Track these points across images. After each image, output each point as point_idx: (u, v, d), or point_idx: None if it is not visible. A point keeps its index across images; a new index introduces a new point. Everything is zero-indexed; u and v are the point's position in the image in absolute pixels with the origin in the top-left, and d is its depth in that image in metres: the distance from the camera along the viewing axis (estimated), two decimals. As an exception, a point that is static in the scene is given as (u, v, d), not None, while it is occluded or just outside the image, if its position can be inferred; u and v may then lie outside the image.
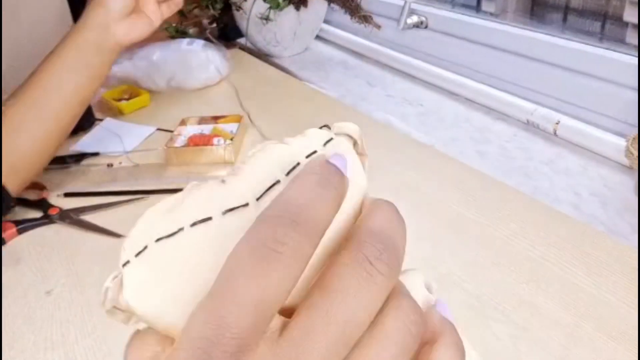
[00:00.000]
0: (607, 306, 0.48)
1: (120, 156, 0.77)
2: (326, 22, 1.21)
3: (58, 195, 0.70)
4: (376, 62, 1.08)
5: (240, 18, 1.12)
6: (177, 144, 0.77)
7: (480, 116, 0.86)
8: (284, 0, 1.05)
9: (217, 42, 1.08)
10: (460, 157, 0.73)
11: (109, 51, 0.66)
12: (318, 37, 1.22)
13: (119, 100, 0.94)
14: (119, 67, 0.99)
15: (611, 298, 0.49)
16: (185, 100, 0.97)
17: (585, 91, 0.77)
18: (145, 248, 0.17)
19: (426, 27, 1.00)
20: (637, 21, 0.76)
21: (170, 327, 0.17)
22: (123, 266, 0.17)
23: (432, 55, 1.00)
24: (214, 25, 1.19)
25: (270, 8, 1.06)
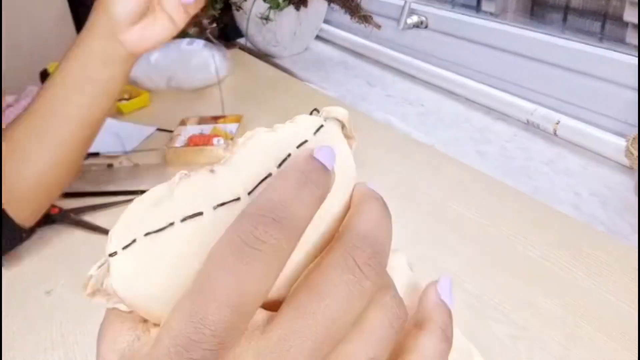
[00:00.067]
0: (607, 306, 0.48)
1: (120, 156, 0.77)
2: (326, 22, 1.21)
3: (58, 195, 0.70)
4: (376, 62, 1.08)
5: (240, 18, 1.12)
6: (177, 144, 0.77)
7: (480, 116, 0.86)
8: (284, 0, 1.05)
9: (217, 42, 1.08)
10: (460, 157, 0.73)
11: (120, 63, 0.55)
12: (318, 37, 1.22)
13: (119, 100, 0.93)
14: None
15: (611, 298, 0.49)
16: (185, 100, 0.97)
17: (585, 91, 0.77)
18: (133, 241, 0.17)
19: (426, 27, 1.00)
20: (637, 21, 0.76)
21: (154, 315, 0.17)
22: (110, 256, 0.17)
23: (432, 55, 1.00)
24: (214, 25, 1.19)
25: (270, 8, 1.06)
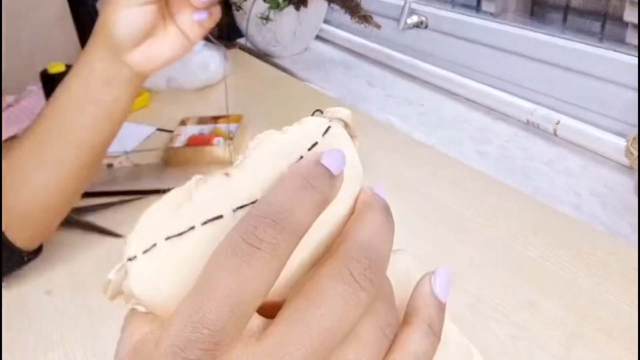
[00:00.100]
0: (607, 306, 0.48)
1: (120, 156, 0.77)
2: (326, 22, 1.21)
3: (58, 195, 0.70)
4: (376, 62, 1.08)
5: (240, 18, 1.12)
6: (177, 144, 0.77)
7: (480, 116, 0.86)
8: (284, 0, 1.05)
9: (217, 42, 1.08)
10: (460, 157, 0.73)
11: (124, 84, 0.51)
12: (318, 37, 1.22)
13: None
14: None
15: (611, 298, 0.49)
16: (185, 100, 0.97)
17: (585, 91, 0.77)
18: (154, 245, 0.17)
19: (426, 27, 1.00)
20: (637, 21, 0.76)
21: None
22: (129, 260, 0.18)
23: (432, 55, 1.00)
24: (214, 25, 1.19)
25: (270, 8, 1.06)
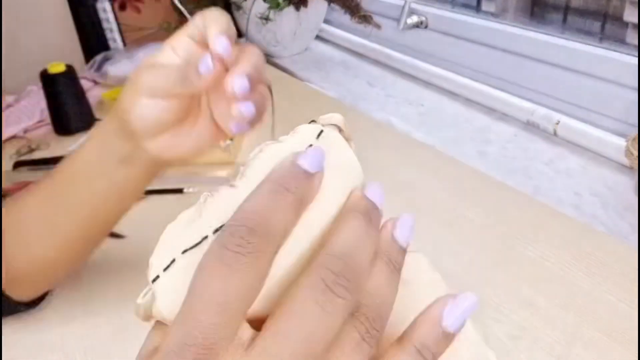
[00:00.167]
0: (607, 306, 0.48)
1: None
2: (326, 22, 1.21)
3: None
4: (376, 62, 1.08)
5: (240, 18, 1.12)
6: (177, 144, 0.76)
7: (480, 116, 0.86)
8: (284, 0, 1.05)
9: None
10: (460, 157, 0.73)
11: (141, 165, 0.44)
12: (318, 37, 1.22)
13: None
14: (119, 67, 0.99)
15: (611, 298, 0.49)
16: (185, 100, 0.96)
17: (585, 91, 0.77)
18: (173, 261, 0.19)
19: (426, 27, 1.00)
20: (637, 21, 0.76)
21: None
22: (152, 282, 0.19)
23: (432, 55, 1.00)
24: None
25: (270, 8, 1.06)
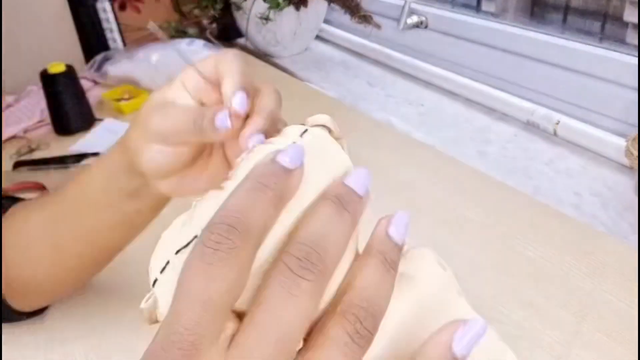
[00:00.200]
0: (607, 306, 0.48)
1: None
2: (326, 22, 1.21)
3: (58, 195, 0.69)
4: (376, 62, 1.08)
5: (240, 18, 1.12)
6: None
7: (480, 116, 0.86)
8: (284, 0, 1.05)
9: (217, 42, 1.08)
10: (460, 157, 0.73)
11: (150, 199, 0.42)
12: (318, 37, 1.22)
13: (119, 100, 0.93)
14: (119, 67, 0.99)
15: (611, 298, 0.49)
16: (185, 100, 0.96)
17: (585, 91, 0.77)
18: (167, 263, 0.19)
19: (426, 27, 1.00)
20: (637, 21, 0.76)
21: None
22: (153, 286, 0.20)
23: (432, 55, 1.00)
24: (214, 25, 1.19)
25: (270, 8, 1.06)
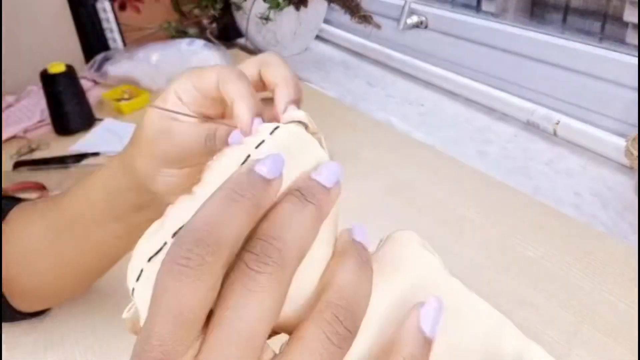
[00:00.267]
0: (607, 306, 0.48)
1: (120, 156, 0.77)
2: (326, 22, 1.21)
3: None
4: (376, 62, 1.08)
5: (240, 18, 1.12)
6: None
7: (480, 116, 0.86)
8: (284, 0, 1.05)
9: (217, 42, 1.08)
10: (460, 157, 0.73)
11: (157, 208, 0.39)
12: (318, 37, 1.22)
13: (119, 100, 0.94)
14: (119, 67, 0.99)
15: (611, 298, 0.49)
16: (185, 100, 0.96)
17: (585, 91, 0.77)
18: (141, 271, 0.20)
19: (426, 27, 1.00)
20: (637, 21, 0.76)
21: None
22: (132, 294, 0.20)
23: (432, 55, 1.00)
24: (214, 25, 1.19)
25: (270, 8, 1.06)
